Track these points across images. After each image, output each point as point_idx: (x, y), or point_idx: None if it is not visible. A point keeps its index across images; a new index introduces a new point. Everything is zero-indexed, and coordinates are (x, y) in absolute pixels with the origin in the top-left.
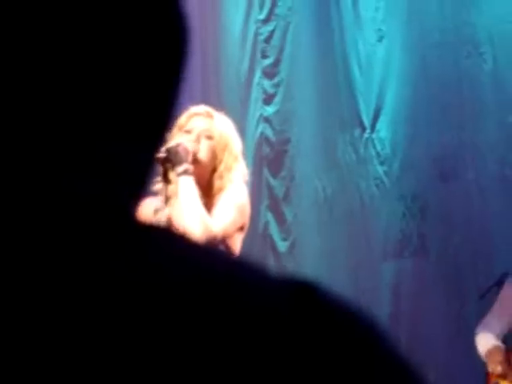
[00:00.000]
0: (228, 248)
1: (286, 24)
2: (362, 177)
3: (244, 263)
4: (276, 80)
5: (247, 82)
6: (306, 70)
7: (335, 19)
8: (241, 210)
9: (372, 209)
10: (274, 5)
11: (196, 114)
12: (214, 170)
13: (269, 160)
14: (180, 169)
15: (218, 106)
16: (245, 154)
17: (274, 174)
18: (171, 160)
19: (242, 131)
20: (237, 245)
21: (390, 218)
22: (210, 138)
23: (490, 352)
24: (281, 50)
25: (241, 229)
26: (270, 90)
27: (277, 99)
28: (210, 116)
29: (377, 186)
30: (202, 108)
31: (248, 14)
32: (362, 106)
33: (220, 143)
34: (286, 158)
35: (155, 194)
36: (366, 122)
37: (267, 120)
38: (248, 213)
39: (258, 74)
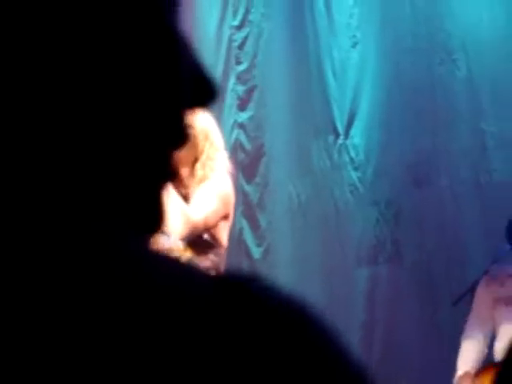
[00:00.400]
0: (214, 237)
1: (260, 30)
2: (335, 183)
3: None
4: (250, 86)
5: (221, 87)
6: (280, 76)
7: (309, 26)
8: (223, 199)
9: (346, 215)
10: (247, 11)
11: None
12: (195, 161)
13: (243, 166)
14: None
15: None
16: None
17: (249, 180)
18: None
19: None
20: (223, 234)
21: (364, 224)
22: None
23: (460, 378)
24: (254, 56)
25: (225, 218)
26: (244, 96)
27: (251, 105)
28: None
29: (351, 192)
30: None
31: (222, 20)
32: (336, 113)
33: (200, 133)
34: (260, 164)
35: None
36: (340, 129)
37: (241, 126)
38: (232, 202)
39: (232, 79)
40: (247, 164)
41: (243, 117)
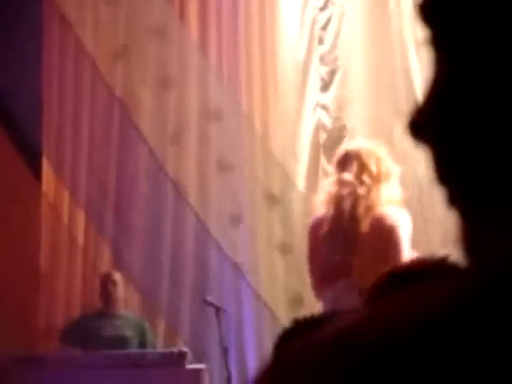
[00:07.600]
0: None
1: (342, 11)
2: (419, 162)
3: None
4: (332, 67)
5: (304, 68)
6: (363, 57)
7: (392, 5)
8: None
9: (430, 195)
10: None
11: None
12: None
13: (325, 146)
14: None
15: (275, 93)
16: (302, 142)
17: (330, 161)
18: None
19: (299, 118)
20: None
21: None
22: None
23: None
24: (336, 37)
25: None
26: (327, 77)
27: (333, 86)
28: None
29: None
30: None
31: (305, 1)
32: (419, 92)
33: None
34: (342, 145)
35: None
36: None
37: (324, 107)
38: None
39: (315, 60)
40: (329, 144)
41: (326, 98)
